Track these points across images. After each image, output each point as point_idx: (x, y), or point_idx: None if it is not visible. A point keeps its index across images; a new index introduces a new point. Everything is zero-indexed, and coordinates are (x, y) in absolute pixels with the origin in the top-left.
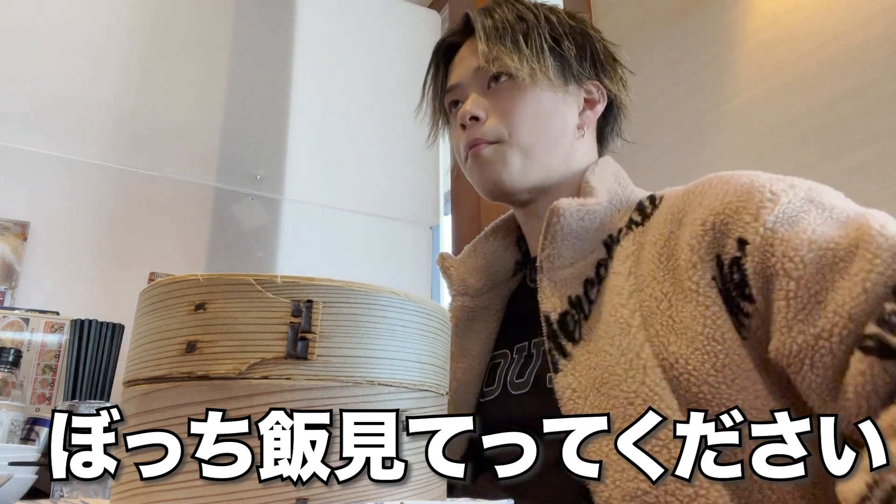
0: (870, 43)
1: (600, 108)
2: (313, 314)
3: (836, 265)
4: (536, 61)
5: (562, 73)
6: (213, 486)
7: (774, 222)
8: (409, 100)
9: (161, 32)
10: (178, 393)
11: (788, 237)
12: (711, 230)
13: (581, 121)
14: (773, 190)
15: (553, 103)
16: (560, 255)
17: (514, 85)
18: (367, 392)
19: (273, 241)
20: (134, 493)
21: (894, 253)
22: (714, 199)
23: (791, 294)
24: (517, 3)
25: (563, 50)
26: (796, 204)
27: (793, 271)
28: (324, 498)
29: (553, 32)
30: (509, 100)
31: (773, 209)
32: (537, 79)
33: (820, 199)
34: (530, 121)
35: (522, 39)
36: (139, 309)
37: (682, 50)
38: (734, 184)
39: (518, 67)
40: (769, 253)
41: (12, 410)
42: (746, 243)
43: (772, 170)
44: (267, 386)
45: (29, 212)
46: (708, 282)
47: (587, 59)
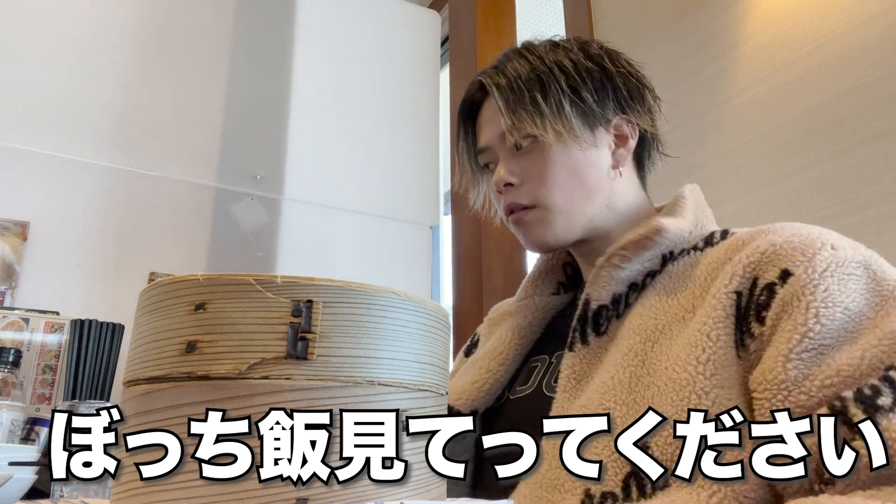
0: (870, 43)
1: (633, 143)
2: (313, 314)
3: (851, 332)
4: (559, 121)
5: (585, 122)
6: (213, 486)
7: (825, 270)
8: (410, 100)
9: (161, 32)
10: (178, 393)
11: (833, 290)
12: (762, 257)
13: (615, 160)
14: (835, 244)
15: (583, 155)
16: (630, 259)
17: (541, 146)
18: (367, 392)
19: (273, 241)
20: (134, 493)
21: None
22: (777, 236)
23: (810, 335)
24: (529, 52)
25: (583, 98)
26: (852, 264)
27: (823, 318)
28: (324, 498)
29: (570, 81)
30: (540, 161)
31: (828, 259)
32: (563, 139)
33: (874, 267)
34: (564, 181)
35: (541, 98)
36: (139, 309)
37: (682, 50)
38: (801, 230)
39: (543, 133)
40: (808, 292)
41: (12, 410)
42: (790, 275)
43: (772, 169)
44: (267, 386)
45: (29, 212)
46: (729, 293)
47: (609, 98)
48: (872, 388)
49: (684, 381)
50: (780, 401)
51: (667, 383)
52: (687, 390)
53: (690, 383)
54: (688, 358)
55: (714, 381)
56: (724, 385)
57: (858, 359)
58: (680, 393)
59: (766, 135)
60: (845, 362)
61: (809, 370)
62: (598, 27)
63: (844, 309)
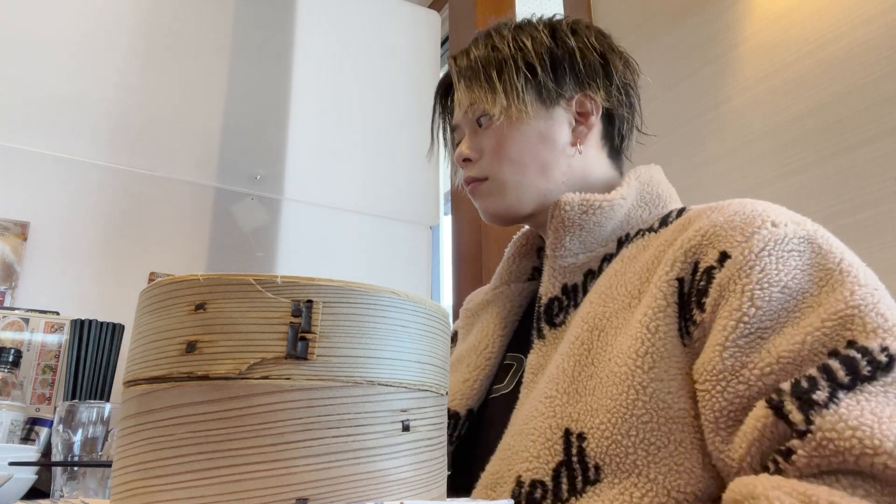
0: (870, 43)
1: (595, 119)
2: (313, 314)
3: (793, 312)
4: (511, 97)
5: (539, 99)
6: (213, 486)
7: (762, 250)
8: (409, 100)
9: (161, 32)
10: (178, 393)
11: (770, 270)
12: (702, 239)
13: (574, 137)
14: (776, 221)
15: (537, 131)
16: (563, 245)
17: (498, 122)
18: (367, 392)
19: (273, 241)
20: (134, 493)
21: (844, 320)
22: (720, 214)
23: (745, 319)
24: (496, 33)
25: (538, 76)
26: (793, 240)
27: (758, 300)
28: (324, 497)
29: (526, 58)
30: (494, 138)
31: (766, 237)
32: (512, 114)
33: (819, 241)
34: (516, 155)
35: (496, 76)
36: (139, 309)
37: (682, 50)
38: (745, 207)
39: (493, 109)
40: (744, 274)
41: (12, 410)
42: (728, 258)
43: (772, 169)
44: (267, 386)
45: (29, 212)
46: (671, 280)
47: (567, 75)
48: (810, 381)
49: (623, 374)
50: (719, 391)
51: (608, 376)
52: (626, 384)
53: (629, 377)
54: (628, 351)
55: (652, 375)
56: (664, 378)
57: (800, 343)
58: (619, 387)
59: (766, 135)
60: (786, 348)
61: (748, 357)
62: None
63: (783, 288)
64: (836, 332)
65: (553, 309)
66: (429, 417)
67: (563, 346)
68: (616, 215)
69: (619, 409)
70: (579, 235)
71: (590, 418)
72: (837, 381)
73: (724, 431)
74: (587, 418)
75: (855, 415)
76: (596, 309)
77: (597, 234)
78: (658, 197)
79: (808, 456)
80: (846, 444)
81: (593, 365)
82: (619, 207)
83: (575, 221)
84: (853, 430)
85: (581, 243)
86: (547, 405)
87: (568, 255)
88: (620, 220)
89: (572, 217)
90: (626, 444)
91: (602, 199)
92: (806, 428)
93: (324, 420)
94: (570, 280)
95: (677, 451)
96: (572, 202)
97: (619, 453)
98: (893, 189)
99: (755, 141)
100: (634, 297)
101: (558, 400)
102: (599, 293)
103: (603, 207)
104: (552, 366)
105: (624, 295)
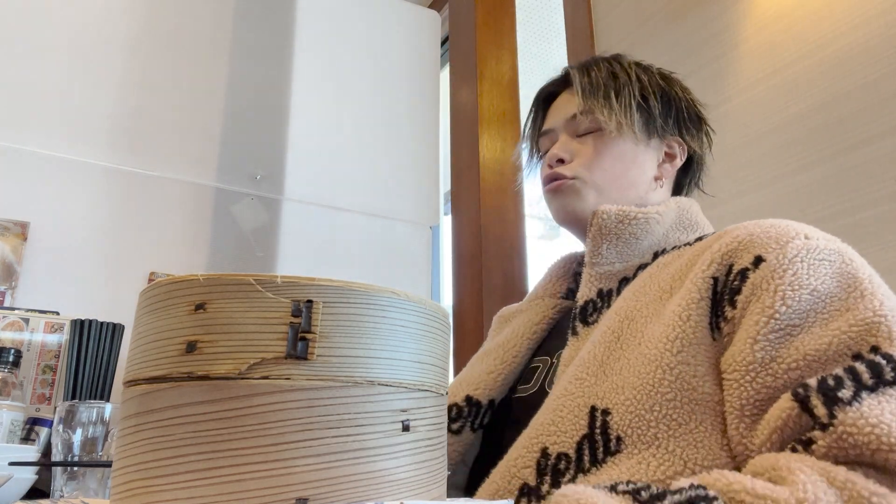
0: (870, 43)
1: (679, 163)
2: (313, 314)
3: (821, 314)
4: (624, 116)
5: (646, 127)
6: (213, 486)
7: (795, 256)
8: (410, 100)
9: (161, 32)
10: (178, 393)
11: (801, 274)
12: (738, 245)
13: (659, 172)
14: (809, 235)
15: (633, 154)
16: (601, 253)
17: (601, 135)
18: (367, 392)
19: (273, 241)
20: (134, 493)
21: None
22: (757, 227)
23: (777, 316)
24: (613, 62)
25: (650, 107)
26: (825, 251)
27: (789, 300)
28: (324, 497)
29: (643, 91)
30: (594, 147)
31: (800, 246)
32: (623, 131)
33: (849, 255)
34: (609, 165)
35: (614, 96)
36: (139, 309)
37: (682, 50)
38: (781, 222)
39: (607, 121)
40: (777, 276)
41: (12, 410)
42: (763, 261)
43: (772, 169)
44: (267, 386)
45: (29, 212)
46: (706, 278)
47: (672, 116)
48: (836, 379)
49: (653, 356)
50: (748, 381)
51: (637, 357)
52: (654, 364)
53: (658, 358)
54: (659, 336)
55: (680, 358)
56: (690, 362)
57: (826, 344)
58: (647, 367)
59: (766, 135)
60: (813, 347)
61: (777, 352)
62: (598, 27)
63: (812, 291)
64: (861, 337)
65: (588, 310)
66: (429, 417)
67: (595, 335)
68: (652, 229)
69: (644, 386)
70: (616, 245)
71: (615, 395)
72: (862, 383)
73: (748, 419)
74: (613, 395)
75: (875, 413)
76: (628, 304)
77: (633, 246)
78: (696, 223)
79: (828, 446)
80: (865, 438)
81: (622, 349)
82: (654, 221)
83: (611, 230)
84: (872, 427)
85: (618, 253)
86: (577, 385)
87: (605, 263)
88: (658, 238)
89: (609, 225)
90: (649, 418)
91: (637, 211)
92: (829, 421)
93: (324, 420)
94: (605, 286)
95: (698, 429)
96: (609, 211)
97: (642, 426)
98: (893, 189)
99: (755, 141)
100: (666, 292)
101: (587, 381)
102: (633, 291)
103: (637, 219)
104: (583, 352)
105: (656, 290)
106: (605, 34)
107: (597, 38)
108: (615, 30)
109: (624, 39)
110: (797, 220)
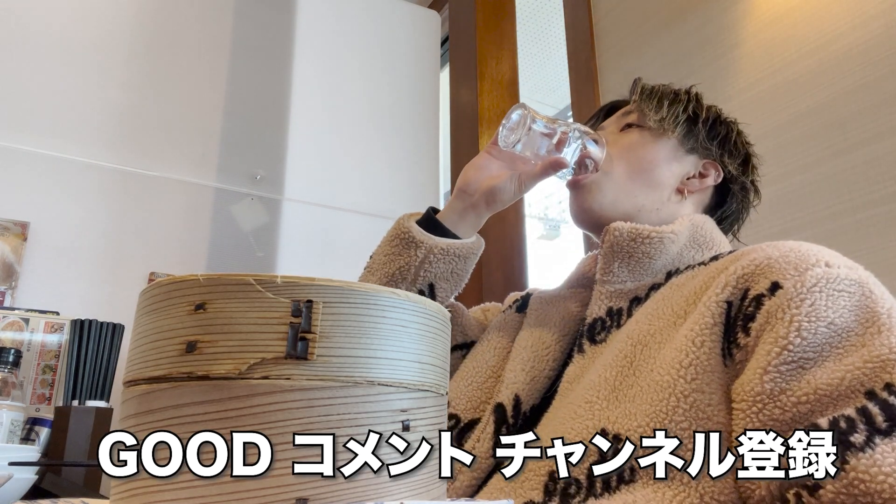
0: (870, 43)
1: (709, 183)
2: (313, 314)
3: (836, 348)
4: (669, 118)
5: (686, 138)
6: (213, 486)
7: (814, 285)
8: (410, 100)
9: (161, 32)
10: (178, 393)
11: (819, 305)
12: (756, 269)
13: (683, 185)
14: (830, 262)
15: (666, 157)
16: (612, 271)
17: (642, 131)
18: (367, 392)
19: (273, 241)
20: (134, 493)
21: (885, 363)
22: (775, 250)
23: (790, 347)
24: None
25: (696, 125)
26: (845, 281)
27: (804, 331)
28: (324, 497)
29: (696, 108)
30: (630, 140)
31: (819, 275)
32: (663, 131)
33: (870, 286)
34: (635, 161)
35: (667, 104)
36: (139, 309)
37: (683, 50)
38: (801, 246)
39: (652, 116)
40: (794, 305)
41: (12, 410)
42: (779, 288)
43: (772, 168)
44: (267, 386)
45: (29, 212)
46: (720, 302)
47: (715, 141)
48: (848, 422)
49: (666, 383)
50: (755, 413)
51: (650, 384)
52: (667, 392)
53: (671, 385)
54: (671, 362)
55: (694, 386)
56: (705, 390)
57: (839, 379)
58: (661, 394)
59: (766, 135)
60: (825, 381)
61: (787, 384)
62: (598, 27)
63: (829, 324)
64: (876, 374)
65: (596, 328)
66: (429, 417)
67: (606, 357)
68: (666, 249)
69: (658, 414)
70: (628, 263)
71: (628, 421)
72: (875, 426)
73: None
74: (625, 421)
75: (889, 461)
76: (641, 327)
77: (646, 266)
78: (711, 240)
79: (836, 492)
80: (878, 486)
81: (635, 375)
82: (668, 241)
83: (623, 248)
84: (886, 476)
85: (629, 271)
86: (587, 409)
87: (616, 282)
88: (672, 257)
89: (621, 243)
90: None
91: (651, 230)
92: (840, 467)
93: (324, 420)
94: (616, 304)
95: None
96: (622, 229)
97: None
98: (893, 189)
99: (755, 141)
100: (680, 317)
101: (598, 405)
102: (646, 314)
103: (651, 238)
104: (592, 374)
105: (669, 314)
106: (605, 34)
107: (597, 38)
108: (615, 30)
109: (624, 40)
110: (797, 221)
